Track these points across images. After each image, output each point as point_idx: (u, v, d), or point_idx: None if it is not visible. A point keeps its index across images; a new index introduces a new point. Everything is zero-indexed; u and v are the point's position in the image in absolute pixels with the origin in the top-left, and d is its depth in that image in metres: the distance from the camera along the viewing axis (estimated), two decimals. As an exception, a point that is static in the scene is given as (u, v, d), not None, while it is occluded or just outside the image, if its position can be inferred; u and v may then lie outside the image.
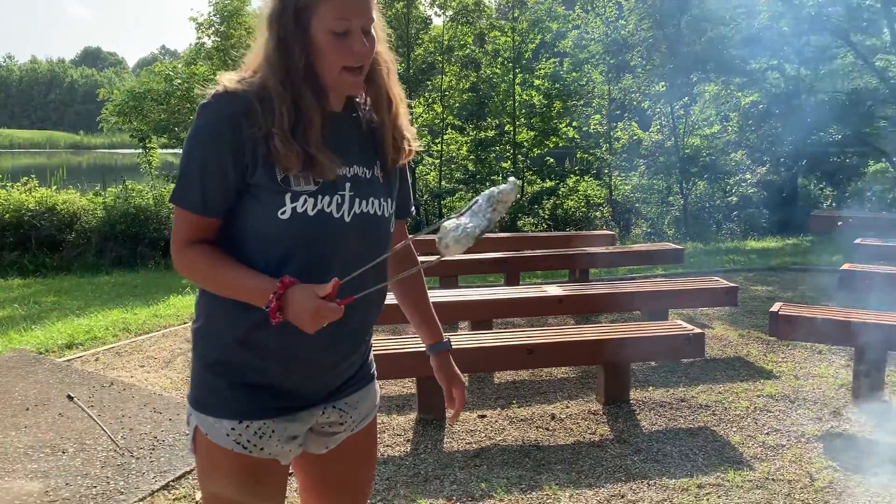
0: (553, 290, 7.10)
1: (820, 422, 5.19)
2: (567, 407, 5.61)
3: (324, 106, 1.75)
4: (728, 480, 4.36)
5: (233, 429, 1.77)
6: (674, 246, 9.86)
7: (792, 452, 4.72)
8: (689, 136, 20.11)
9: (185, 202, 1.72)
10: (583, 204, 21.49)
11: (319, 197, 1.73)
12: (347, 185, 1.77)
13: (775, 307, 5.83)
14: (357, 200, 1.78)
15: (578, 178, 22.12)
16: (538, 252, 9.33)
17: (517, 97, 21.80)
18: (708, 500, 4.13)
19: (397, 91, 1.86)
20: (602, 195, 21.93)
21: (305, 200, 1.72)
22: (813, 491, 4.21)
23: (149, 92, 19.66)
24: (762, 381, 6.06)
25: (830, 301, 7.56)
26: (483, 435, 5.11)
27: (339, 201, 1.75)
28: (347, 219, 1.76)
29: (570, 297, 6.99)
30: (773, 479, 4.36)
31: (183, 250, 1.73)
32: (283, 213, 1.70)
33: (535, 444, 4.93)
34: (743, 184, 20.15)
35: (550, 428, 5.21)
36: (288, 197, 1.71)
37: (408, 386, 5.94)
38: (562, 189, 21.89)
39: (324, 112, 1.74)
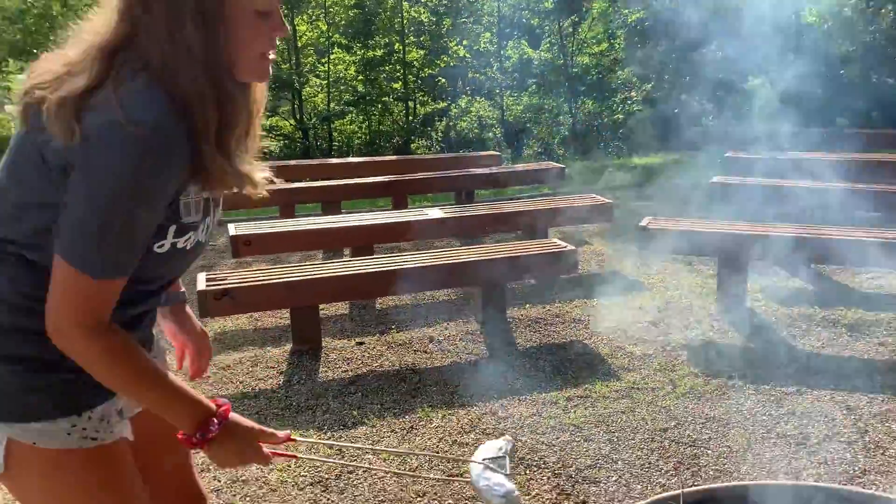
0: (434, 213, 7.03)
1: (685, 331, 5.40)
2: (446, 328, 5.61)
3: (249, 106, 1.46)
4: (595, 391, 4.48)
5: (73, 425, 1.48)
6: (556, 165, 9.95)
7: (657, 361, 4.90)
8: (578, 55, 20.23)
9: (115, 271, 1.34)
10: (475, 125, 21.45)
11: (201, 227, 1.50)
12: (215, 208, 1.55)
13: (644, 221, 5.96)
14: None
15: (470, 98, 21.97)
16: (424, 175, 9.20)
17: (405, 14, 21.21)
18: (575, 411, 4.24)
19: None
20: (495, 116, 21.92)
21: (191, 235, 1.48)
22: (674, 397, 4.39)
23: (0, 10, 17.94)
24: (634, 293, 6.25)
25: (701, 213, 7.83)
26: (360, 362, 5.04)
27: (205, 227, 1.53)
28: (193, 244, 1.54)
29: (451, 219, 6.94)
30: (637, 388, 4.52)
31: (103, 335, 1.35)
32: (160, 246, 1.43)
33: (412, 368, 4.92)
34: (629, 102, 20.56)
35: (428, 351, 5.20)
36: (172, 230, 1.43)
37: (283, 317, 5.78)
38: (453, 110, 21.72)
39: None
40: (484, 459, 1.90)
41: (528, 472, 3.63)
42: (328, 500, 3.47)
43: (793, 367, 4.65)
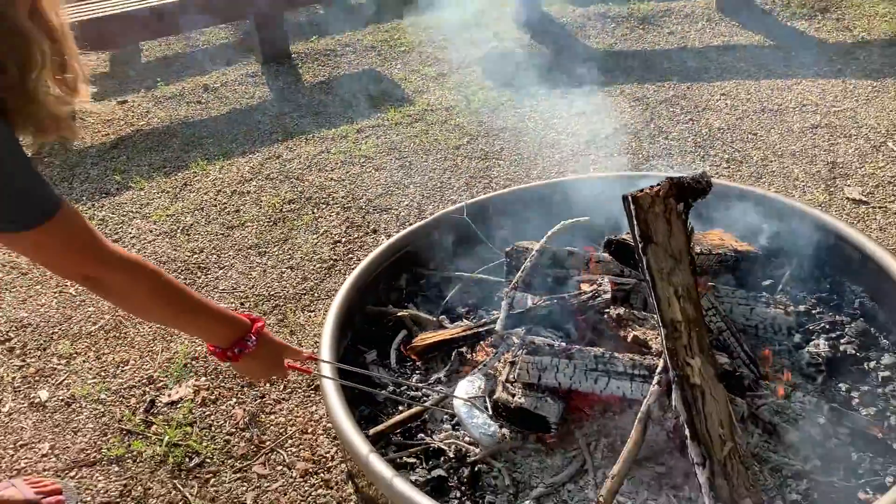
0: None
1: (482, 46, 5.07)
2: (224, 75, 4.97)
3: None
4: (388, 119, 4.18)
5: None
6: None
7: (452, 80, 4.61)
8: None
9: (50, 203, 1.22)
10: None
11: None
12: None
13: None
14: None
15: None
16: None
17: None
18: (366, 142, 3.94)
19: None
20: None
21: None
22: (468, 114, 4.17)
23: None
24: (429, 13, 5.77)
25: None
26: (123, 123, 4.40)
27: None
28: None
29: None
30: (431, 110, 4.25)
31: (125, 259, 1.32)
32: None
33: (185, 122, 4.36)
34: None
35: (203, 101, 4.61)
36: None
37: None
38: None
39: None
40: (470, 398, 1.99)
41: (315, 210, 3.37)
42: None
43: (587, 67, 4.50)
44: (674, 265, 1.75)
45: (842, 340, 2.20)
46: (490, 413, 1.98)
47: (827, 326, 2.25)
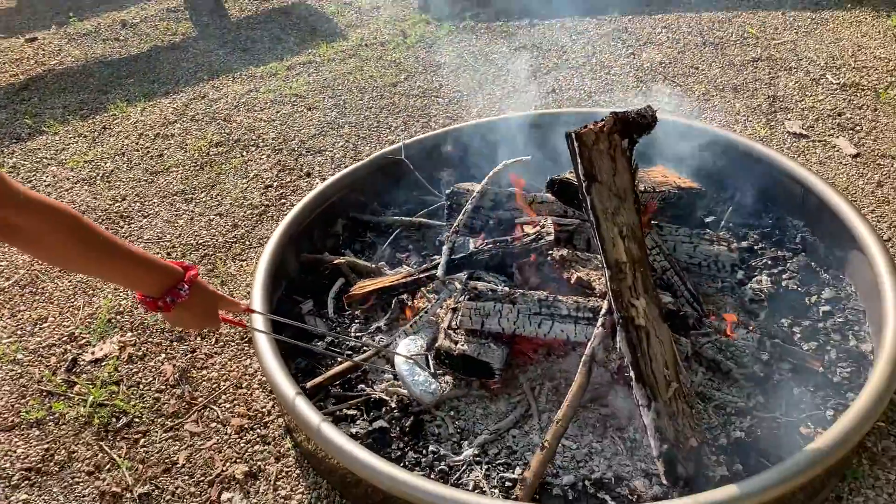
0: None
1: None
2: (143, 10, 4.66)
3: None
4: (320, 56, 3.98)
5: None
6: None
7: (387, 13, 4.41)
8: None
9: None
10: None
11: None
12: None
13: None
14: None
15: None
16: None
17: None
18: (298, 80, 3.75)
19: None
20: None
21: None
22: (405, 48, 4.00)
23: None
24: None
25: None
26: (33, 62, 4.09)
27: None
28: None
29: None
30: (366, 45, 4.06)
31: (40, 202, 1.17)
32: None
33: (102, 61, 4.07)
34: None
35: (121, 38, 4.31)
36: None
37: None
38: None
39: None
40: (412, 355, 1.91)
41: (245, 153, 3.20)
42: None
43: (527, 0, 4.35)
44: (618, 204, 1.68)
45: (784, 276, 2.19)
46: (432, 369, 1.91)
47: (769, 262, 2.24)
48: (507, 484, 1.71)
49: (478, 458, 1.77)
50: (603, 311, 1.80)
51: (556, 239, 2.02)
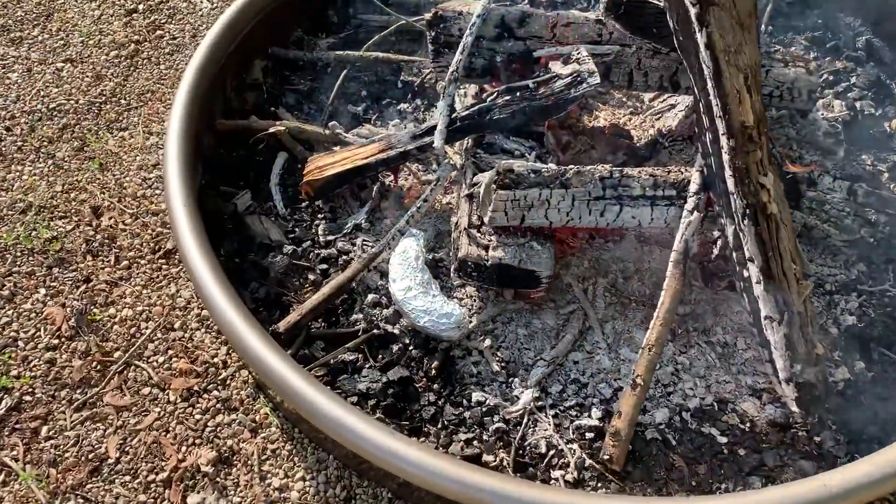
0: None
1: None
2: None
3: None
4: None
5: None
6: None
7: None
8: None
9: None
10: None
11: None
12: None
13: None
14: None
15: None
16: None
17: None
18: None
19: None
20: None
21: None
22: None
23: None
24: None
25: None
26: None
27: None
28: None
29: None
30: None
31: None
32: None
33: None
34: None
35: None
36: None
37: None
38: None
39: None
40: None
41: None
42: None
43: None
44: (741, 39, 1.12)
45: (850, 95, 1.74)
46: (453, 276, 1.38)
47: (830, 78, 1.77)
48: (589, 435, 1.27)
49: (539, 403, 1.31)
50: (693, 186, 1.30)
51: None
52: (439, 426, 1.28)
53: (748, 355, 1.39)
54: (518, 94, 1.44)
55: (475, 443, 1.26)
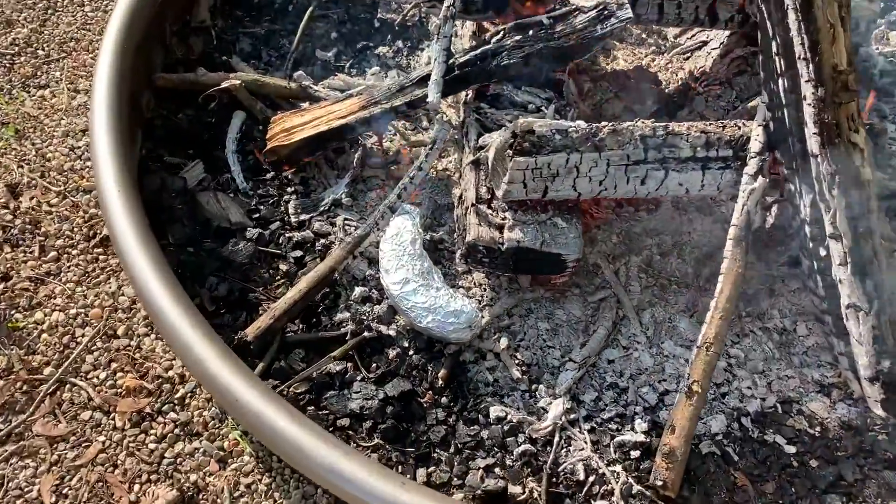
0: None
1: None
2: None
3: None
4: None
5: None
6: None
7: None
8: None
9: None
10: None
11: None
12: None
13: None
14: None
15: None
16: None
17: None
18: None
19: None
20: None
21: None
22: None
23: None
24: None
25: None
26: None
27: None
28: None
29: None
30: None
31: None
32: None
33: None
34: None
35: None
36: None
37: None
38: None
39: None
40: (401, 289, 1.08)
41: None
42: None
43: None
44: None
45: (902, 25, 1.49)
46: (458, 262, 1.13)
47: (882, 4, 1.52)
48: (634, 454, 1.05)
49: (572, 416, 1.08)
50: (756, 145, 1.05)
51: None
52: (452, 450, 1.05)
53: (810, 342, 1.17)
54: (531, 32, 1.16)
55: (497, 470, 1.03)
